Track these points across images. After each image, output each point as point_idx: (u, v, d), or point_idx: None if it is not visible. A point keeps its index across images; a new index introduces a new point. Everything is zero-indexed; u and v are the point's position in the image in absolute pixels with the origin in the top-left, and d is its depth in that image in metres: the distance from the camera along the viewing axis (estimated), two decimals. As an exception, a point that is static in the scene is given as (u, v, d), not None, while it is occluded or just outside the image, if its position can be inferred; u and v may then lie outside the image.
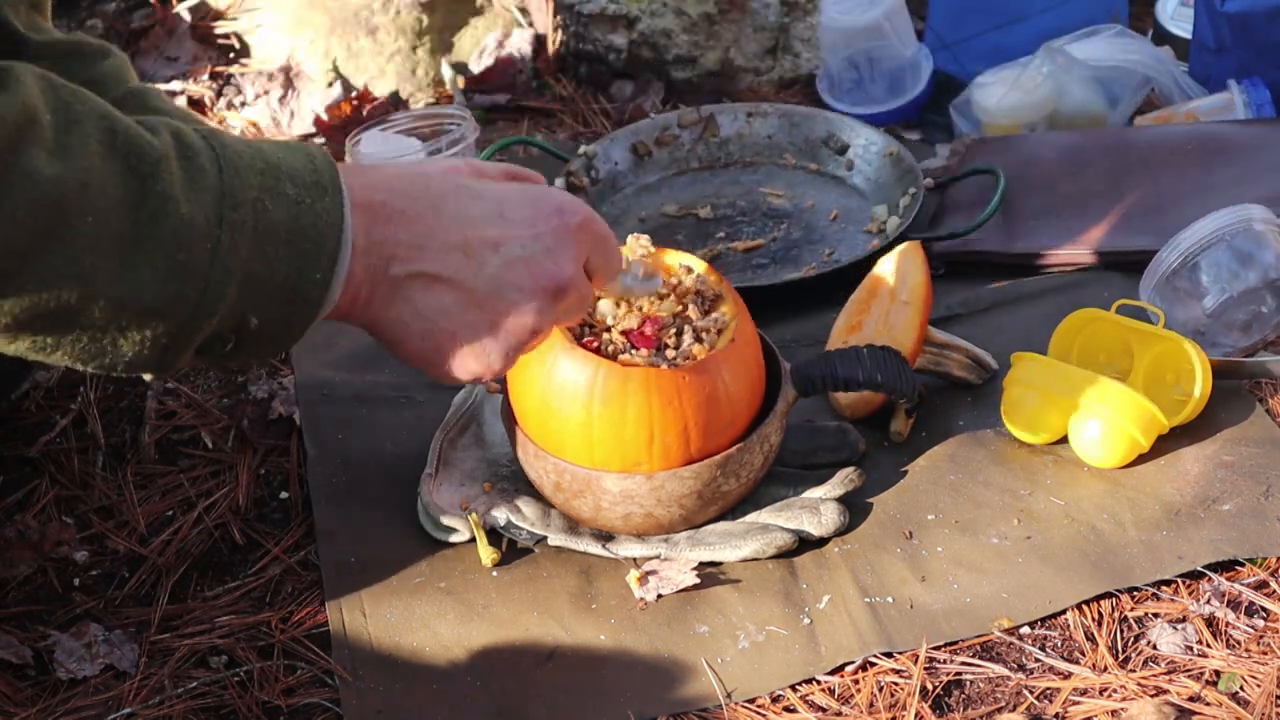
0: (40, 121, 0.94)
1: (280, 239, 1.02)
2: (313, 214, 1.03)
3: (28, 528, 1.46)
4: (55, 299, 0.95)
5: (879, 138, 1.89)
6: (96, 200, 0.95)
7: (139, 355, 1.01)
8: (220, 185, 1.00)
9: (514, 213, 1.11)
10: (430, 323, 1.10)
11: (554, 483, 1.35)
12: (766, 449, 1.36)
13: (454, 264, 1.09)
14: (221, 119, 2.12)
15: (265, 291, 1.02)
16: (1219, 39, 1.95)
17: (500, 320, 1.11)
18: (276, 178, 1.02)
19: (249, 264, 1.00)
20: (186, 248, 0.98)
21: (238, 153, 1.02)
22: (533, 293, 1.11)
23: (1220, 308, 1.56)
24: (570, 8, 2.15)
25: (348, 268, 1.05)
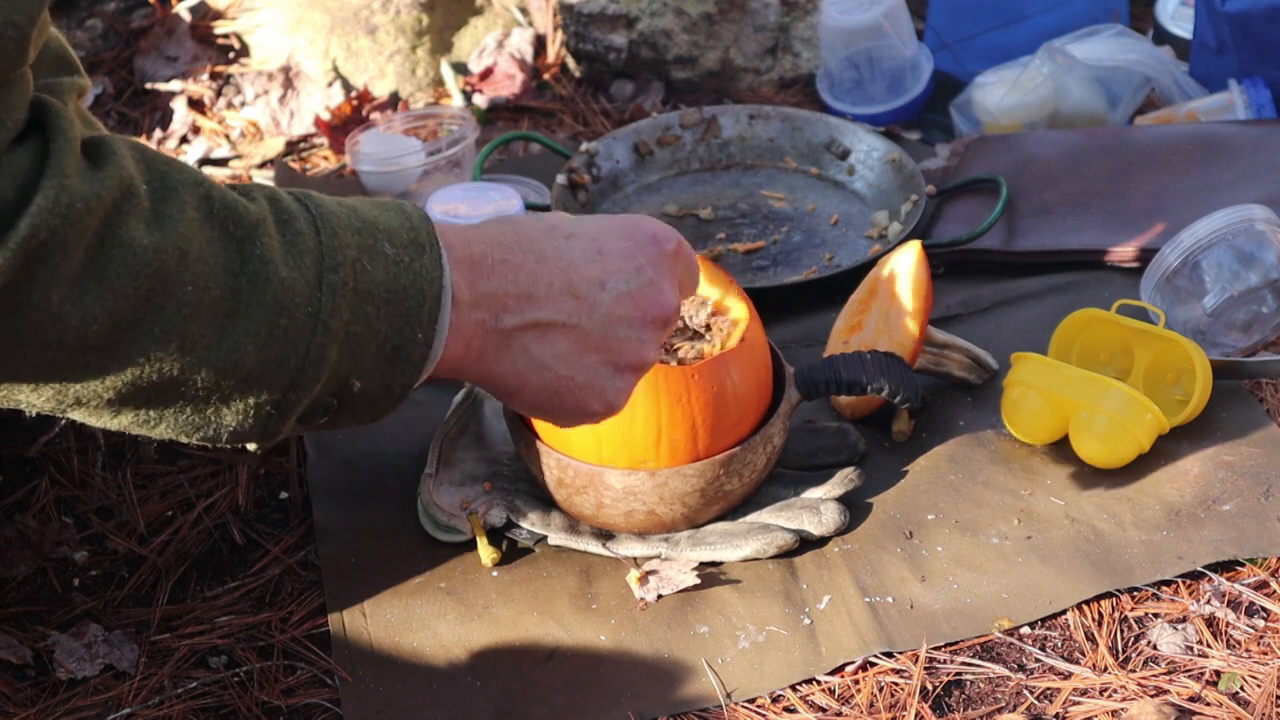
0: (137, 192, 0.92)
1: (380, 298, 1.00)
2: (411, 272, 1.01)
3: (28, 528, 1.46)
4: (158, 371, 0.94)
5: (881, 143, 1.89)
6: (196, 267, 0.94)
7: (242, 425, 0.99)
8: (319, 248, 0.98)
9: (612, 247, 1.09)
10: (548, 370, 1.08)
11: (556, 478, 1.35)
12: (769, 450, 1.36)
13: (565, 308, 1.07)
14: (221, 119, 2.12)
15: (367, 353, 1.00)
16: (1219, 39, 1.94)
17: (617, 358, 1.09)
18: (374, 236, 1.01)
19: (350, 325, 0.99)
20: (288, 312, 0.96)
21: (334, 214, 1.00)
22: (644, 325, 1.09)
23: (1221, 308, 1.56)
24: (570, 8, 2.15)
25: (450, 323, 1.03)
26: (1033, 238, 1.75)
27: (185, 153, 2.06)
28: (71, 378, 0.92)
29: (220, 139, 2.09)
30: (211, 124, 2.11)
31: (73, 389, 0.93)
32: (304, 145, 2.10)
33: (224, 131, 2.10)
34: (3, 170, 0.87)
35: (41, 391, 0.93)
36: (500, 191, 1.75)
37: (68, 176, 0.89)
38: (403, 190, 1.89)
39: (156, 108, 2.13)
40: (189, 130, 2.10)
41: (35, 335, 0.90)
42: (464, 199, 1.74)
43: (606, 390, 1.10)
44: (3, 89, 0.88)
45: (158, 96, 2.15)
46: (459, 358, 1.05)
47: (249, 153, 2.07)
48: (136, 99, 2.15)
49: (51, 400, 0.94)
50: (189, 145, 2.08)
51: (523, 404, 1.11)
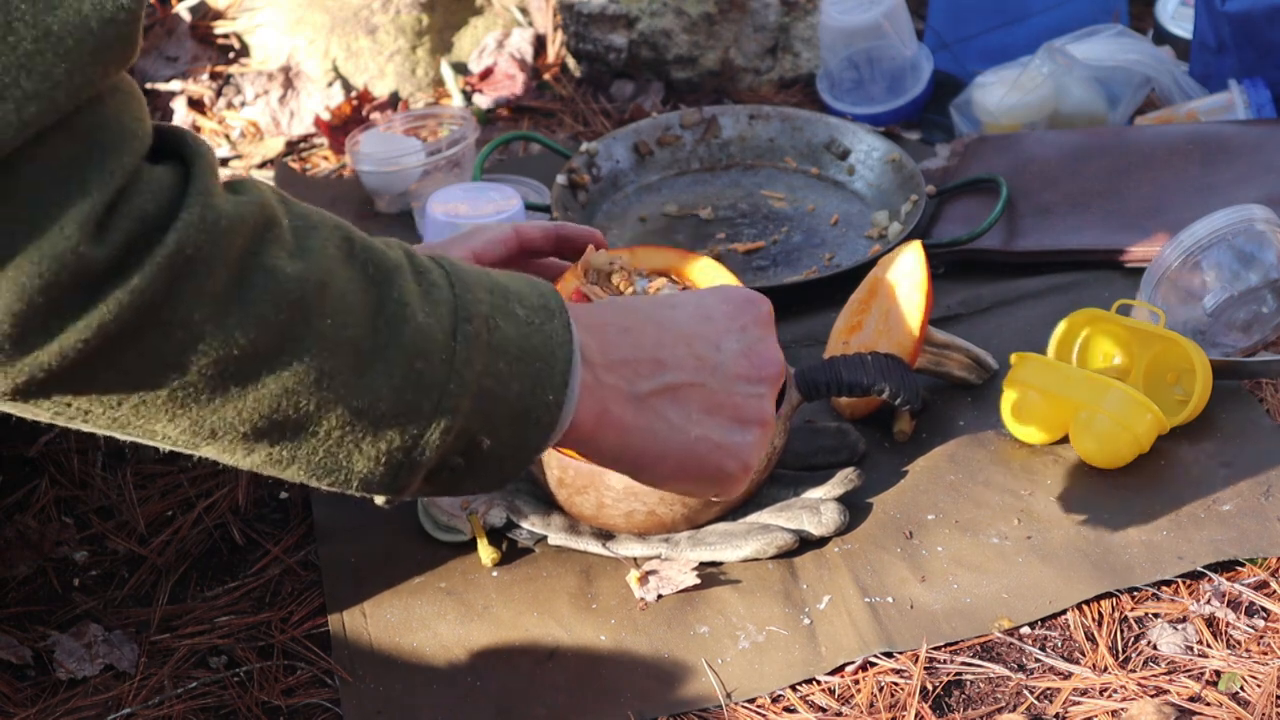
0: (280, 223, 0.92)
1: (512, 355, 0.99)
2: (542, 334, 1.01)
3: (28, 528, 1.46)
4: (294, 405, 0.93)
5: (881, 143, 1.89)
6: (336, 302, 0.93)
7: (373, 472, 0.98)
8: (453, 299, 0.98)
9: (716, 311, 1.10)
10: (684, 433, 1.07)
11: (557, 478, 1.35)
12: (770, 450, 1.36)
13: (690, 368, 1.07)
14: (221, 119, 2.12)
15: (498, 409, 0.99)
16: (1219, 39, 1.94)
17: (742, 415, 1.09)
18: (506, 297, 1.01)
19: (482, 379, 0.98)
20: (423, 357, 0.96)
21: (467, 271, 1.01)
22: (759, 381, 1.09)
23: (1220, 308, 1.56)
24: (570, 8, 2.15)
25: (585, 386, 1.03)
26: (1033, 238, 1.75)
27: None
28: (209, 406, 0.92)
29: (220, 139, 2.09)
30: (211, 124, 2.11)
31: (209, 420, 0.92)
32: (304, 145, 2.10)
33: (224, 131, 2.10)
34: (144, 184, 0.86)
35: (178, 422, 0.92)
36: (500, 191, 1.74)
37: (212, 195, 0.88)
38: (403, 190, 1.89)
39: (156, 108, 2.13)
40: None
41: (177, 356, 0.89)
42: (464, 199, 1.73)
43: (740, 448, 1.09)
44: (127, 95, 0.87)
45: (158, 96, 2.15)
46: (595, 423, 1.04)
47: (249, 153, 2.08)
48: (136, 99, 2.15)
49: (188, 432, 0.93)
50: (189, 145, 2.08)
51: (662, 473, 1.09)
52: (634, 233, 1.84)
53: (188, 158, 0.89)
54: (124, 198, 0.85)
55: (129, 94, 0.88)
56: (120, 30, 0.85)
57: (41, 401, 0.88)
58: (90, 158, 0.85)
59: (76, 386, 0.88)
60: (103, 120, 0.85)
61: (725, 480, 1.09)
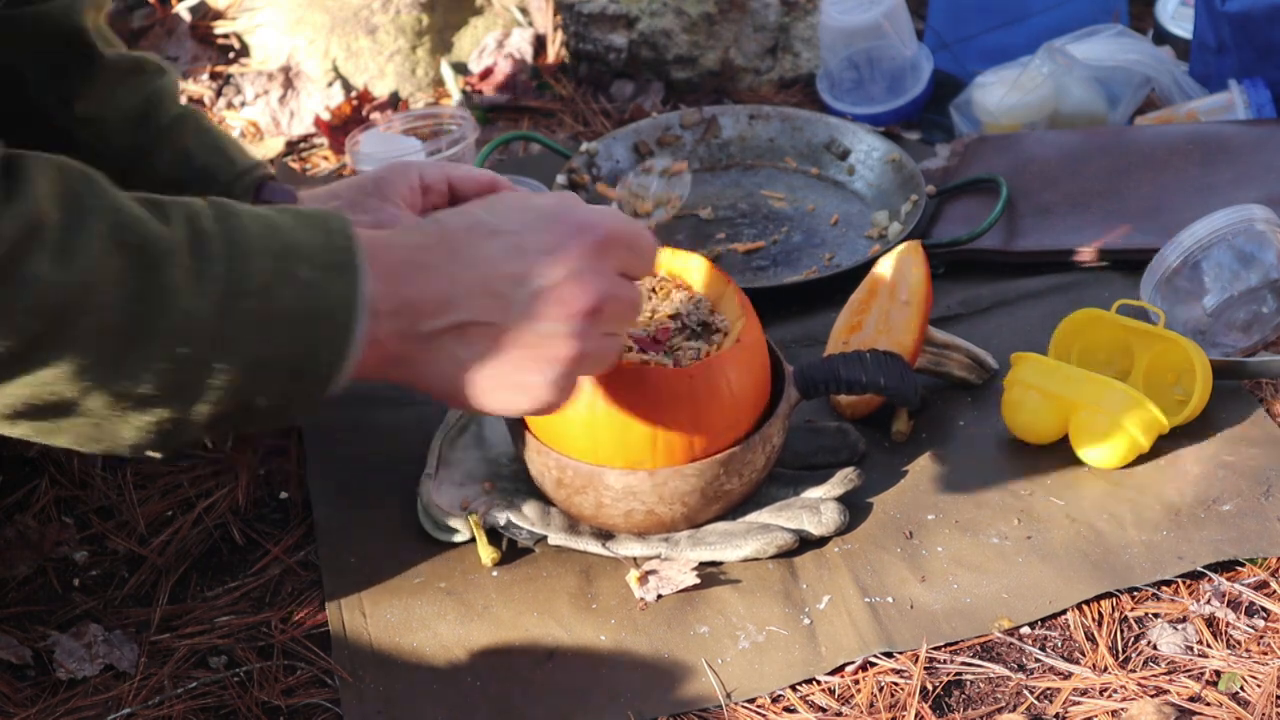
0: (46, 225, 0.95)
1: (288, 323, 1.02)
2: (327, 297, 1.03)
3: (28, 528, 1.46)
4: (55, 394, 0.97)
5: (881, 143, 1.89)
6: (98, 299, 0.96)
7: (141, 440, 1.02)
8: (227, 274, 1.01)
9: (533, 243, 1.10)
10: (473, 369, 1.10)
11: (555, 479, 1.35)
12: (769, 449, 1.36)
13: (482, 308, 1.09)
14: (221, 119, 2.12)
15: (271, 374, 1.03)
16: (1219, 39, 1.94)
17: (540, 353, 1.10)
18: (291, 259, 1.03)
19: (255, 351, 1.01)
20: (188, 342, 0.99)
21: (250, 237, 1.03)
22: (566, 319, 1.10)
23: (1220, 308, 1.56)
24: (570, 8, 2.15)
25: (368, 336, 1.06)
26: (1033, 238, 1.75)
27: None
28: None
29: (220, 139, 2.09)
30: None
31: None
32: (304, 145, 2.10)
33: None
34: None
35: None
36: (500, 191, 1.74)
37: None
38: (403, 190, 1.89)
39: (156, 108, 2.13)
40: (189, 130, 2.10)
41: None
42: (464, 199, 1.73)
43: (534, 385, 1.11)
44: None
45: (158, 96, 2.15)
46: (379, 363, 1.08)
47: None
48: (136, 99, 2.15)
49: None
50: (189, 145, 2.08)
51: (459, 403, 1.13)
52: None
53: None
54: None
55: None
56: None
57: None
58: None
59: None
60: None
61: (518, 409, 1.12)
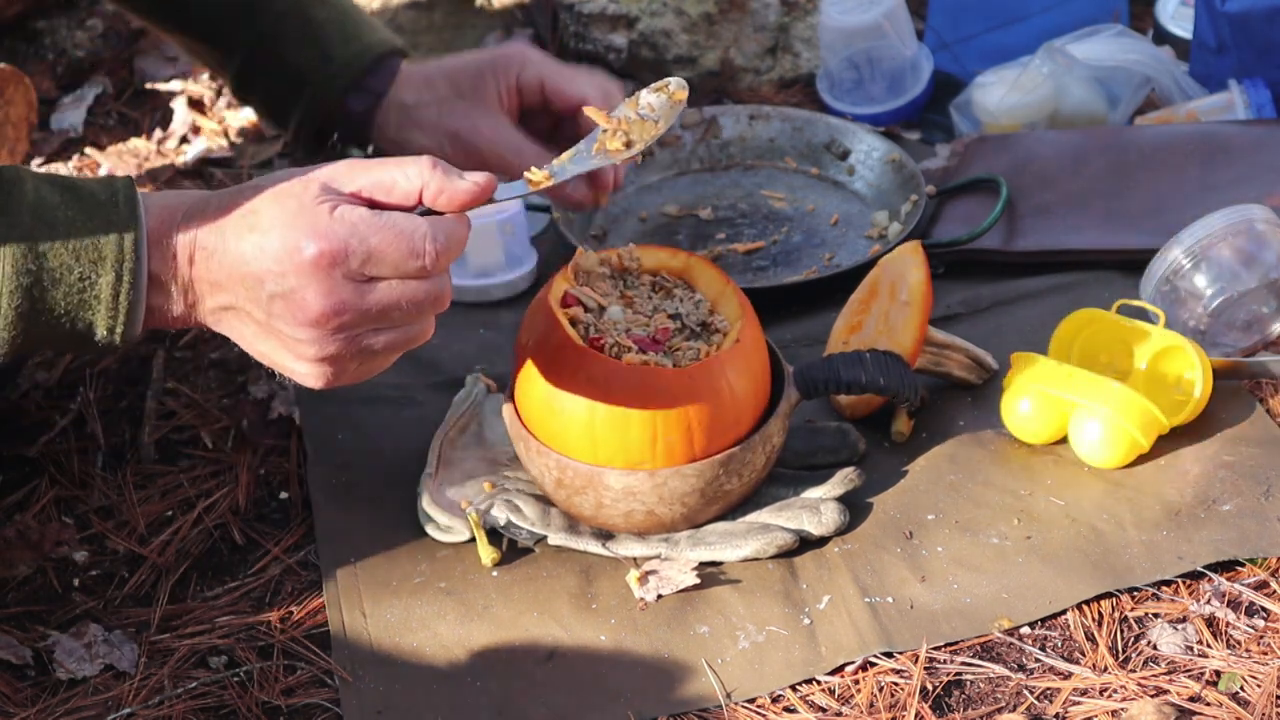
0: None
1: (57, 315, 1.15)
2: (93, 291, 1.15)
3: (28, 528, 1.46)
4: None
5: (881, 143, 1.89)
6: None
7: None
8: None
9: (271, 248, 1.16)
10: (249, 345, 1.20)
11: (555, 479, 1.35)
12: (769, 449, 1.36)
13: (240, 296, 1.17)
14: (221, 119, 2.12)
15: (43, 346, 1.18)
16: (1219, 39, 1.94)
17: (291, 349, 1.18)
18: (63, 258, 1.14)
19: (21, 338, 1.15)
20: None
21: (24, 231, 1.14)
22: (300, 325, 1.16)
23: (1220, 308, 1.56)
24: (570, 8, 2.15)
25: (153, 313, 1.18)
26: (1033, 238, 1.75)
27: (185, 152, 2.06)
28: None
29: (220, 139, 2.09)
30: (211, 124, 2.11)
31: None
32: (304, 145, 2.10)
33: (224, 131, 2.10)
34: None
35: None
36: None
37: None
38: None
39: (156, 108, 2.13)
40: (189, 130, 2.10)
41: None
42: (464, 199, 1.73)
43: (299, 373, 1.20)
44: None
45: (158, 96, 2.15)
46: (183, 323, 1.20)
47: (249, 153, 2.07)
48: (136, 99, 2.15)
49: None
50: (189, 145, 2.08)
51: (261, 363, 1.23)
52: (634, 233, 1.84)
53: None
54: None
55: None
56: None
57: None
58: None
59: None
60: None
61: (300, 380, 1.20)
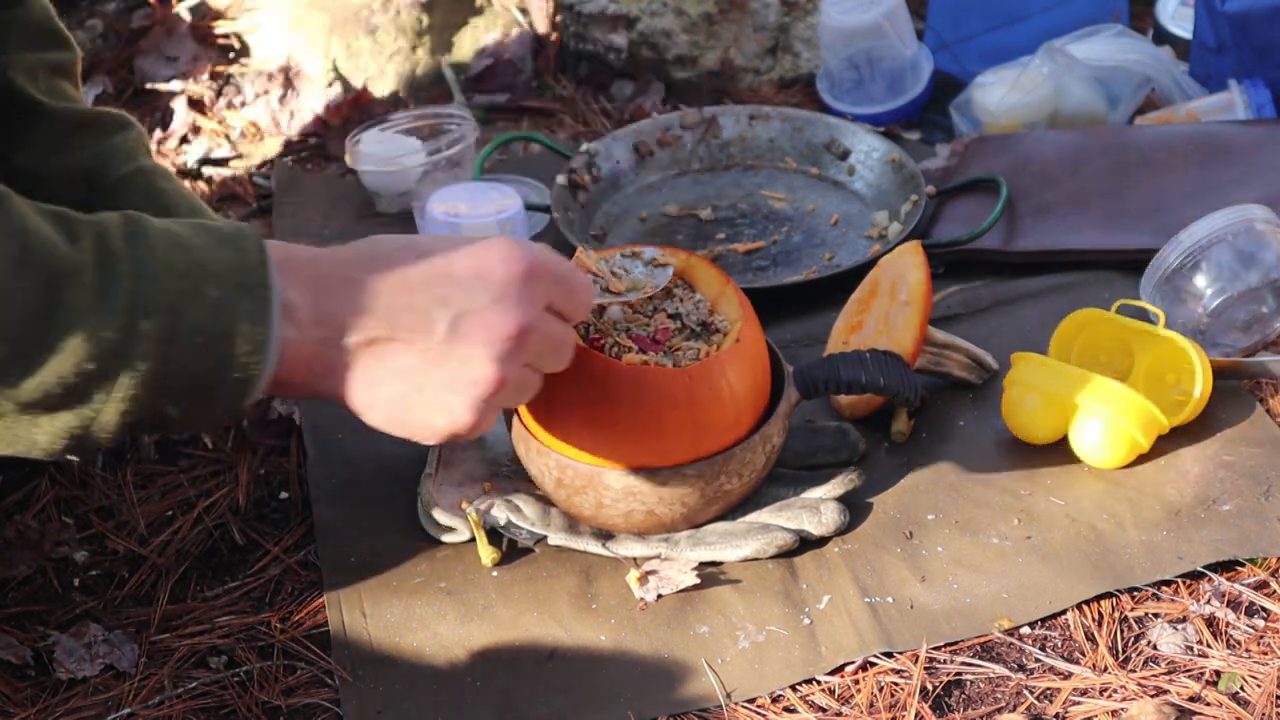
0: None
1: (196, 343, 1.06)
2: (233, 315, 1.07)
3: (28, 528, 1.46)
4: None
5: (881, 144, 1.89)
6: (5, 315, 1.01)
7: (54, 444, 1.07)
8: (134, 293, 1.04)
9: (459, 267, 1.12)
10: (393, 386, 1.12)
11: (555, 479, 1.35)
12: (769, 449, 1.36)
13: (406, 325, 1.11)
14: (221, 119, 2.12)
15: (180, 389, 1.07)
16: (1219, 39, 1.95)
17: (461, 375, 1.12)
18: (198, 280, 1.07)
19: (161, 367, 1.05)
20: (93, 359, 1.03)
21: (159, 257, 1.07)
22: (488, 344, 1.12)
23: (1220, 308, 1.56)
24: (570, 8, 2.15)
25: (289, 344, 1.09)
26: (1033, 238, 1.75)
27: (185, 153, 2.06)
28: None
29: (220, 139, 2.09)
30: (211, 124, 2.11)
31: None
32: (304, 145, 2.10)
33: (224, 131, 2.10)
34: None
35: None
36: (500, 191, 1.74)
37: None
38: (403, 190, 1.89)
39: (156, 108, 2.13)
40: (189, 130, 2.10)
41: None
42: (464, 199, 1.73)
43: (453, 405, 1.13)
44: None
45: (158, 96, 2.15)
46: (303, 375, 1.10)
47: (249, 153, 2.08)
48: (136, 99, 2.15)
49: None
50: (189, 145, 2.08)
51: (376, 419, 1.14)
52: (634, 233, 1.84)
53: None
54: None
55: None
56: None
57: None
58: None
59: None
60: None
61: (435, 433, 1.14)
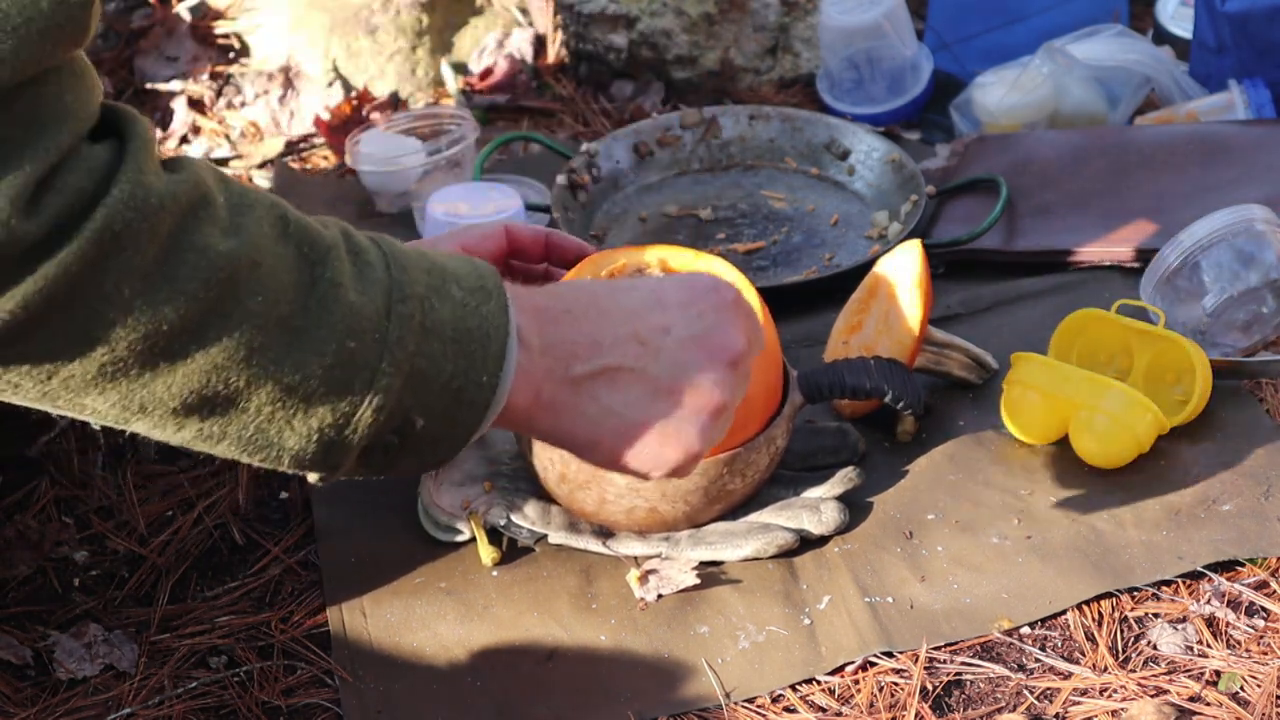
0: (214, 201, 0.93)
1: (447, 337, 1.00)
2: (479, 316, 1.01)
3: (28, 528, 1.46)
4: (223, 381, 0.94)
5: (881, 144, 1.89)
6: (267, 280, 0.94)
7: (304, 450, 0.99)
8: (388, 279, 0.99)
9: (672, 296, 1.09)
10: (620, 418, 1.07)
11: (559, 473, 1.35)
12: (773, 450, 1.36)
13: (633, 354, 1.06)
14: (221, 119, 2.12)
15: (431, 389, 1.00)
16: (1219, 39, 1.95)
17: (688, 401, 1.08)
18: (443, 279, 1.02)
19: (415, 359, 0.99)
20: (355, 336, 0.97)
21: (403, 252, 1.02)
22: (711, 367, 1.08)
23: (1220, 308, 1.56)
24: (570, 8, 2.15)
25: (519, 368, 1.03)
26: (1033, 238, 1.75)
27: (185, 153, 2.06)
28: (139, 381, 0.92)
29: (220, 139, 2.09)
30: (211, 124, 2.11)
31: (139, 395, 0.93)
32: (304, 145, 2.10)
33: (224, 131, 2.10)
34: (81, 162, 0.88)
35: (108, 396, 0.93)
36: (500, 191, 1.75)
37: (144, 174, 0.90)
38: (403, 190, 1.89)
39: (156, 108, 2.13)
40: (189, 130, 2.10)
41: (106, 331, 0.90)
42: (464, 199, 1.73)
43: (684, 433, 1.08)
44: (75, 76, 0.89)
45: (158, 96, 2.15)
46: (529, 406, 1.05)
47: (249, 153, 2.08)
48: (136, 99, 2.15)
49: (117, 406, 0.93)
50: (189, 145, 2.08)
51: (602, 455, 1.09)
52: (634, 233, 1.84)
53: (125, 136, 0.91)
54: (57, 174, 0.87)
55: (77, 74, 0.89)
56: (71, 12, 0.87)
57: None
58: (26, 135, 0.86)
59: (5, 359, 0.89)
60: (43, 99, 0.87)
61: (667, 464, 1.09)
